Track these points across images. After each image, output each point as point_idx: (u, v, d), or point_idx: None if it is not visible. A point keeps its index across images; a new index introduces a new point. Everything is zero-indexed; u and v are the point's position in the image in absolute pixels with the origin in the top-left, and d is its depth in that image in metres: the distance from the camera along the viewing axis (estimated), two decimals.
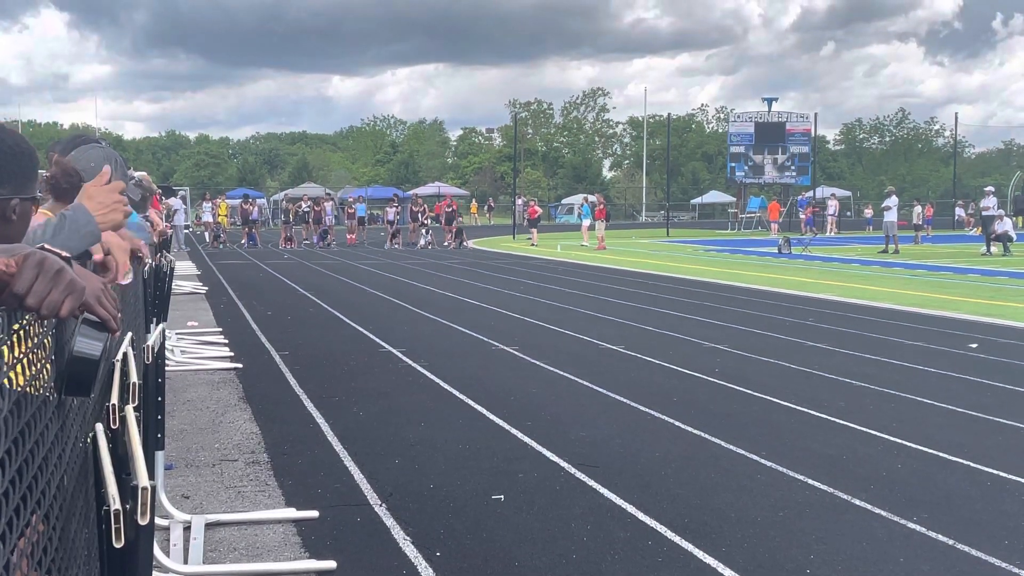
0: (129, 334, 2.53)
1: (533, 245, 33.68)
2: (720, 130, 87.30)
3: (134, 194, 5.07)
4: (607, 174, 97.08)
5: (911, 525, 4.86)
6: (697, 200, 75.44)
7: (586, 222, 34.37)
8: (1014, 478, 5.68)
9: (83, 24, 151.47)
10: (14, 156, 1.90)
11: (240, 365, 9.32)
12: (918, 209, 36.22)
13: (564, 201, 72.70)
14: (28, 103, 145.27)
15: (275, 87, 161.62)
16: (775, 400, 7.79)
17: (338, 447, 6.31)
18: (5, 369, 1.10)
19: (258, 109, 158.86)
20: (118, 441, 1.65)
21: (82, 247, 2.56)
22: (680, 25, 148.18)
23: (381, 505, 5.12)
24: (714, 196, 74.52)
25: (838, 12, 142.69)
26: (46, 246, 1.32)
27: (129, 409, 1.73)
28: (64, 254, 1.32)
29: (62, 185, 3.20)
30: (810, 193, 48.92)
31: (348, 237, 36.85)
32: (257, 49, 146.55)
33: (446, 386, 8.34)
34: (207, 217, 36.43)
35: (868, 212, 50.13)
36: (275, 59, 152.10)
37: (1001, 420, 7.15)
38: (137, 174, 9.23)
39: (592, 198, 35.73)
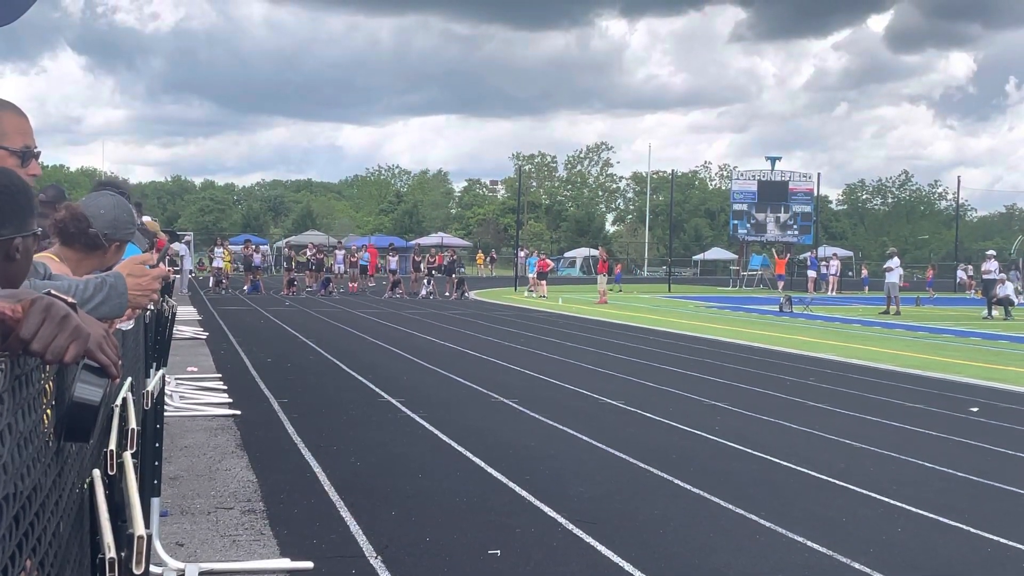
0: (129, 379, 2.53)
1: (542, 298, 33.85)
2: (723, 187, 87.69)
3: (141, 243, 5.10)
4: (610, 228, 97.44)
5: None
6: (699, 256, 75.68)
7: (531, 274, 36.80)
8: (1014, 545, 5.62)
9: (99, 68, 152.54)
10: (11, 195, 1.90)
11: (239, 412, 9.29)
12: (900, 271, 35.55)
13: (567, 254, 72.98)
14: (40, 145, 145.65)
15: (287, 135, 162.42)
16: (775, 460, 7.75)
17: (334, 497, 6.27)
18: (7, 415, 1.10)
19: (269, 156, 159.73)
20: (115, 487, 1.64)
21: (107, 316, 2.60)
22: (693, 82, 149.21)
23: (376, 557, 5.08)
24: (716, 253, 74.75)
25: (852, 73, 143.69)
26: (52, 292, 1.32)
27: (127, 455, 1.72)
28: (70, 300, 1.33)
29: (70, 229, 3.22)
30: (821, 251, 48.98)
31: (350, 285, 36.96)
32: (271, 98, 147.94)
33: (444, 438, 8.30)
34: (217, 262, 36.43)
35: (864, 272, 50.13)
36: (288, 108, 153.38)
37: (1001, 485, 7.10)
38: (143, 219, 9.27)
39: (533, 256, 38.24)
